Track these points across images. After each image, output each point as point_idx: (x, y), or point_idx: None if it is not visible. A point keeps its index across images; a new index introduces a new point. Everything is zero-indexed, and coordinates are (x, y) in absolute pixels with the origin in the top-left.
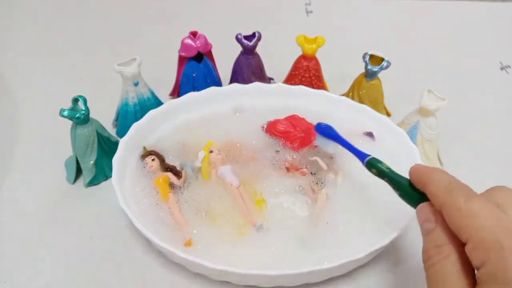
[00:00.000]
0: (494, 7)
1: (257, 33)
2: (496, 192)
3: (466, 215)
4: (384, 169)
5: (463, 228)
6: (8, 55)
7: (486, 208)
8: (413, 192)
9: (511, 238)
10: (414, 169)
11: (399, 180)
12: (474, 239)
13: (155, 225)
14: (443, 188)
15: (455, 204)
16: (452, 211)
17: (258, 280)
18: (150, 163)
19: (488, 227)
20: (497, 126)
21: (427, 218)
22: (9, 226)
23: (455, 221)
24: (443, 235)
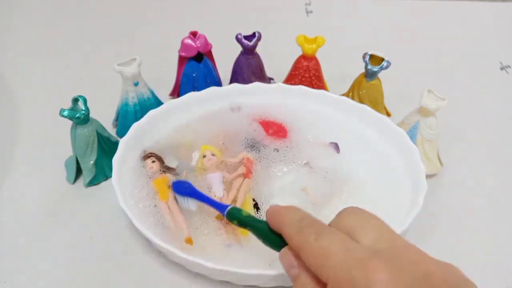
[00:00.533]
0: (494, 7)
1: (257, 33)
2: (346, 216)
3: (319, 254)
4: (244, 217)
5: (320, 269)
6: (8, 55)
7: (335, 242)
8: (274, 237)
9: (363, 271)
10: (269, 211)
11: (259, 226)
12: (331, 279)
13: (155, 225)
14: (295, 228)
15: (307, 245)
16: (307, 253)
17: (258, 280)
18: (150, 164)
19: (339, 263)
20: (497, 126)
21: (290, 264)
22: (9, 226)
23: (311, 262)
24: (308, 279)
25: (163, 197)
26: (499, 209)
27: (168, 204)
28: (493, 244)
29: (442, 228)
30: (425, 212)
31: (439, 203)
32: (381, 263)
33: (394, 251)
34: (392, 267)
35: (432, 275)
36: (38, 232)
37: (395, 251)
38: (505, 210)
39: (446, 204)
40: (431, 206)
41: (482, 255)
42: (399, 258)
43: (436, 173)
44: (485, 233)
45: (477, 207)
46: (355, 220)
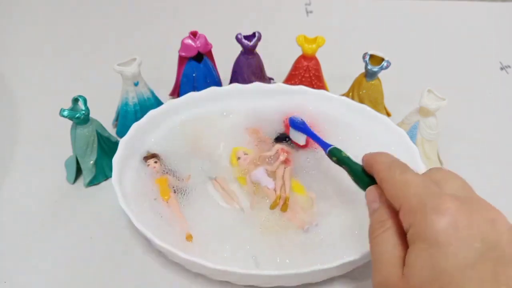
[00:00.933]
0: (494, 7)
1: (257, 33)
2: (434, 172)
3: (399, 185)
4: (343, 157)
5: (397, 197)
6: (8, 55)
7: (416, 178)
8: (365, 177)
9: (435, 199)
10: (366, 155)
11: (354, 166)
12: (404, 205)
13: (155, 225)
14: (384, 166)
15: (391, 177)
16: (389, 183)
17: (258, 280)
18: (152, 165)
19: (416, 193)
20: (497, 126)
21: (373, 199)
22: (9, 226)
23: (391, 192)
24: (385, 212)
25: (164, 196)
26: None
27: (169, 202)
28: None
29: None
30: None
31: None
32: (453, 199)
33: (470, 198)
34: (464, 204)
35: (499, 221)
36: (38, 232)
37: (471, 199)
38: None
39: None
40: None
41: None
42: (472, 202)
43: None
44: None
45: None
46: (441, 175)
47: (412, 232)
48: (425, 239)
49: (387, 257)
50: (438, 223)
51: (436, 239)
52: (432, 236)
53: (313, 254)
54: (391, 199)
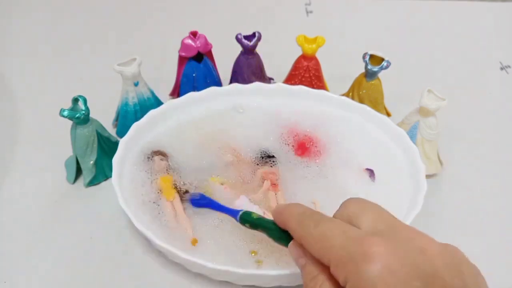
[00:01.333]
0: (494, 7)
1: (257, 33)
2: (348, 205)
3: (318, 240)
4: (255, 220)
5: (321, 253)
6: (8, 55)
7: (333, 227)
8: (283, 234)
9: (359, 247)
10: (274, 210)
11: (269, 226)
12: (332, 260)
13: (155, 225)
14: (296, 221)
15: (308, 233)
16: (308, 241)
17: (258, 280)
18: (158, 162)
19: (337, 243)
20: (497, 126)
21: (298, 255)
22: (9, 226)
23: (313, 249)
24: (314, 267)
25: (168, 196)
26: (499, 209)
27: (174, 203)
28: (494, 244)
29: (442, 228)
30: (425, 212)
31: (439, 203)
32: (377, 238)
33: (392, 230)
34: (389, 241)
35: (429, 249)
36: (38, 232)
37: (393, 230)
38: (505, 210)
39: (446, 204)
40: (431, 206)
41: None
42: (396, 235)
43: (436, 173)
44: (486, 233)
45: (477, 207)
46: (355, 208)
47: (350, 286)
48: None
49: None
50: (372, 272)
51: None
52: (370, 286)
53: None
54: (316, 255)
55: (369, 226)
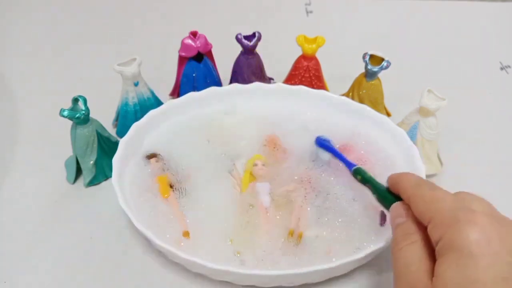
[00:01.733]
0: (494, 7)
1: (257, 33)
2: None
3: (429, 200)
4: (367, 177)
5: (427, 212)
6: (8, 55)
7: (447, 195)
8: (389, 195)
9: (467, 213)
10: (392, 174)
11: (378, 185)
12: (434, 219)
13: (155, 225)
14: (413, 183)
15: (421, 193)
16: (418, 199)
17: (258, 280)
18: (154, 163)
19: (447, 208)
20: (497, 126)
21: (399, 214)
22: (9, 226)
23: (420, 207)
24: (412, 226)
25: (164, 194)
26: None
27: (169, 200)
28: None
29: None
30: None
31: None
32: (485, 215)
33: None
34: (494, 220)
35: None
36: (38, 232)
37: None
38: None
39: None
40: None
41: None
42: (500, 219)
43: (436, 173)
44: None
45: None
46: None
47: (442, 243)
48: (457, 250)
49: (414, 269)
50: (472, 235)
51: (469, 250)
52: (465, 247)
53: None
54: (420, 214)
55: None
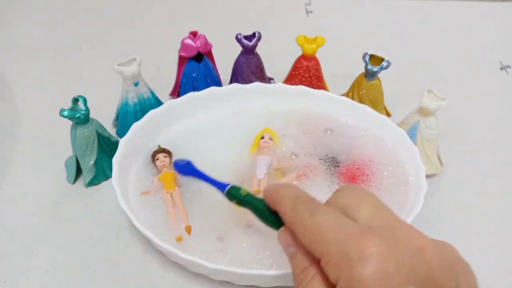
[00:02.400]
0: (494, 7)
1: (257, 33)
2: (344, 193)
3: (312, 230)
4: (243, 197)
5: (314, 245)
6: (8, 55)
7: (329, 218)
8: (272, 216)
9: (355, 246)
10: (266, 189)
11: (258, 205)
12: (324, 254)
13: (155, 225)
14: (290, 206)
15: (301, 222)
16: (300, 229)
17: (258, 280)
18: (162, 158)
19: (332, 238)
20: (497, 126)
21: (288, 243)
22: (9, 226)
23: (305, 239)
24: (304, 258)
25: (169, 188)
26: (499, 209)
27: (173, 195)
28: (493, 244)
29: (442, 228)
30: (425, 212)
31: (439, 203)
32: (374, 238)
33: (388, 228)
34: (385, 242)
35: (425, 250)
36: (38, 232)
37: (389, 227)
38: (505, 210)
39: (446, 204)
40: (431, 206)
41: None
42: (392, 233)
43: (436, 173)
44: (485, 233)
45: (477, 207)
46: (351, 197)
47: (342, 285)
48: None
49: None
50: (366, 274)
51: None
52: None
53: None
54: (308, 246)
55: (366, 221)
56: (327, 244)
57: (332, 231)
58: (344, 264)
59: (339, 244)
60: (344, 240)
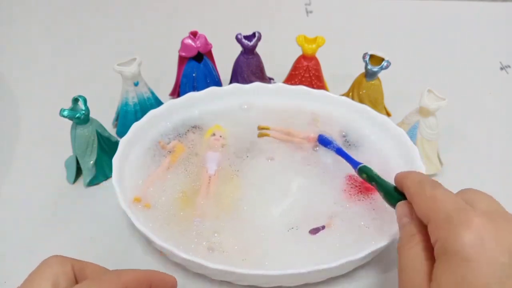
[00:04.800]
0: (494, 7)
1: (257, 33)
2: (466, 192)
3: (429, 200)
4: (373, 175)
5: (426, 212)
6: (8, 55)
7: (446, 194)
8: (395, 193)
9: (462, 214)
10: (398, 173)
11: (384, 184)
12: (432, 220)
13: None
14: (415, 182)
15: (421, 192)
16: (419, 198)
17: (258, 280)
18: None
19: (444, 208)
20: (497, 126)
21: (404, 214)
22: (9, 226)
23: (420, 206)
24: (415, 227)
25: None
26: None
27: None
28: None
29: None
30: None
31: None
32: (480, 214)
33: (496, 212)
34: (490, 220)
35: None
36: (38, 232)
37: (497, 212)
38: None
39: None
40: None
41: None
42: (498, 216)
43: (436, 173)
44: None
45: None
46: (474, 194)
47: (438, 246)
48: (451, 253)
49: (415, 273)
50: (464, 237)
51: (462, 254)
52: (458, 250)
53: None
54: (420, 214)
55: (480, 208)
56: (438, 211)
57: (446, 202)
58: (447, 226)
59: (449, 211)
60: (454, 209)
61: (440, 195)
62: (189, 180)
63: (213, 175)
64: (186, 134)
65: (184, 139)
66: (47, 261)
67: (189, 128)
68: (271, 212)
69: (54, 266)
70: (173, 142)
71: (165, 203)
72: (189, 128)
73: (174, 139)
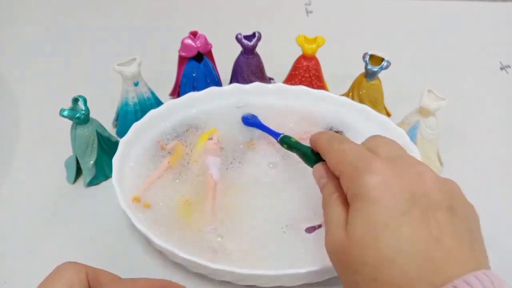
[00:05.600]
0: (494, 7)
1: (257, 33)
2: (373, 138)
3: (338, 154)
4: (293, 142)
5: (336, 166)
6: (8, 55)
7: (353, 147)
8: (313, 156)
9: (366, 162)
10: (312, 135)
11: (303, 149)
12: (343, 172)
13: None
14: (325, 140)
15: (331, 148)
16: (329, 154)
17: (258, 280)
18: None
19: (349, 160)
20: (497, 126)
21: (321, 175)
22: (9, 226)
23: (331, 161)
24: (333, 185)
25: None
26: (499, 209)
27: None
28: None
29: None
30: None
31: None
32: (383, 160)
33: (399, 157)
34: (392, 164)
35: (425, 173)
36: (38, 232)
37: (400, 157)
38: (505, 210)
39: None
40: None
41: None
42: (400, 160)
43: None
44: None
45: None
46: (378, 141)
47: (349, 194)
48: (360, 197)
49: (335, 222)
50: (370, 181)
51: (368, 197)
52: (365, 194)
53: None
54: (333, 168)
55: (382, 154)
56: (346, 163)
57: (352, 154)
58: (353, 175)
59: (354, 162)
60: (359, 158)
61: (347, 148)
62: (189, 180)
63: (218, 180)
64: (186, 134)
65: (184, 139)
66: (62, 267)
67: (188, 128)
68: (269, 212)
69: (69, 273)
70: (173, 142)
71: (165, 203)
72: (189, 128)
73: (174, 139)
